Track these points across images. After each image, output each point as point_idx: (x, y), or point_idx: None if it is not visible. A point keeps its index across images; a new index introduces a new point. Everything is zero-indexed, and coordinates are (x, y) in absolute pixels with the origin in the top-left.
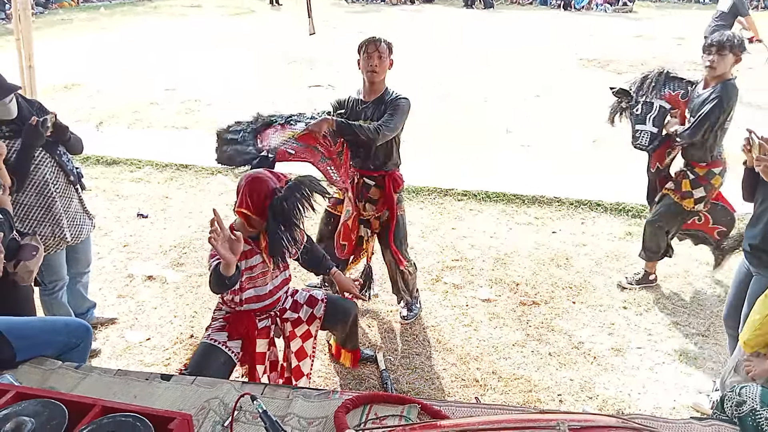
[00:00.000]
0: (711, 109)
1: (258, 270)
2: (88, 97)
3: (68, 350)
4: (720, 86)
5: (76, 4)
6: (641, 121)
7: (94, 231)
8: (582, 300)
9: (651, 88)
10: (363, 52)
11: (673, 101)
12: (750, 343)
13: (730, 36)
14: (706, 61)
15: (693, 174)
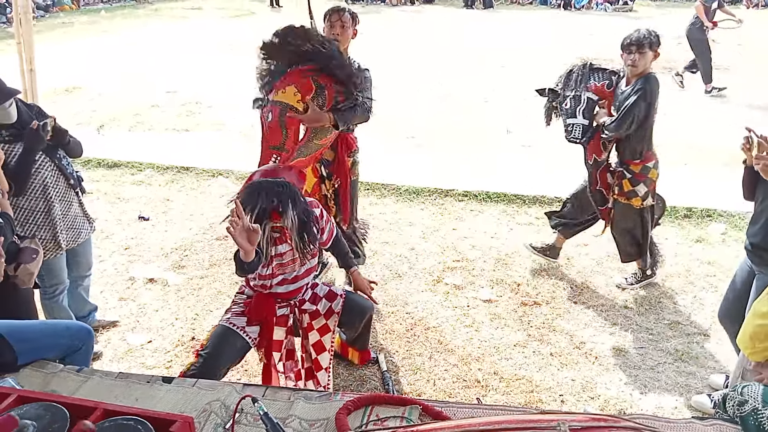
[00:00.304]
0: (635, 102)
1: (288, 257)
2: (89, 100)
3: (70, 353)
4: (642, 80)
5: (76, 8)
6: (572, 115)
7: (95, 234)
8: (583, 300)
9: (578, 82)
10: (327, 21)
11: (600, 92)
12: (756, 357)
13: (646, 33)
14: (628, 60)
15: (629, 173)
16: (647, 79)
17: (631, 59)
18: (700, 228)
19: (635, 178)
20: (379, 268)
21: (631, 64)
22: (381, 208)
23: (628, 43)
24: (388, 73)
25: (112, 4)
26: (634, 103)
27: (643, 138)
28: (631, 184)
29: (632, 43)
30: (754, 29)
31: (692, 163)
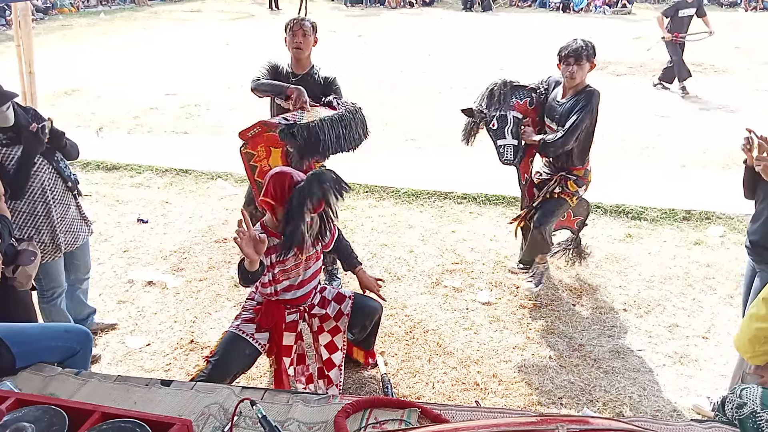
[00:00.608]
0: (581, 118)
1: (290, 263)
2: (88, 102)
3: (69, 356)
4: (585, 95)
5: (76, 10)
6: (501, 136)
7: (94, 236)
8: (582, 303)
9: (500, 101)
10: (289, 30)
11: (523, 110)
12: (756, 361)
13: (583, 45)
14: (566, 71)
15: (573, 176)
16: (591, 96)
17: (570, 71)
18: (698, 230)
19: (580, 180)
20: (378, 270)
21: (569, 75)
22: (380, 210)
23: (566, 55)
24: (387, 76)
25: (112, 7)
26: (580, 120)
27: (588, 147)
28: (577, 185)
29: (570, 54)
30: (753, 31)
31: (690, 165)
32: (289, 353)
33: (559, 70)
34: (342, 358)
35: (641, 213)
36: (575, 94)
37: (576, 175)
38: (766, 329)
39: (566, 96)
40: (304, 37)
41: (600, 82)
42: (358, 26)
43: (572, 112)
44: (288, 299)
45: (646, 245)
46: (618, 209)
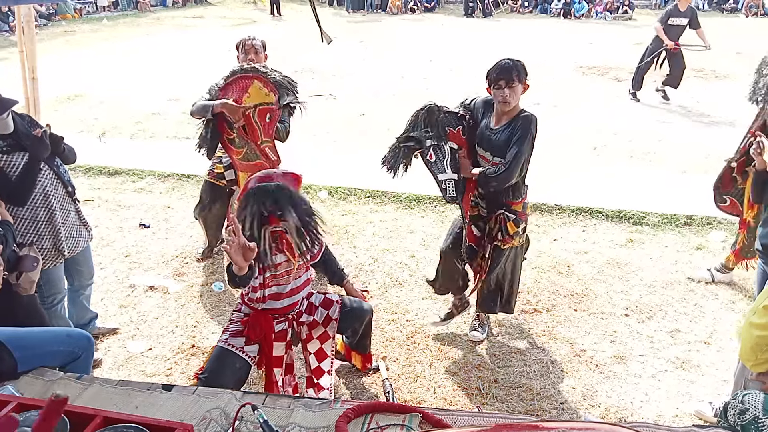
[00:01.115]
0: (522, 149)
1: (282, 268)
2: (90, 108)
3: (70, 361)
4: (522, 122)
5: (79, 16)
6: (441, 170)
7: (95, 241)
8: (584, 308)
9: (436, 129)
10: (241, 49)
11: (458, 140)
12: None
13: (512, 65)
14: (498, 96)
15: (512, 213)
16: (529, 122)
17: (502, 95)
18: (700, 236)
19: (519, 218)
20: (379, 275)
21: (503, 100)
22: (381, 215)
23: (496, 77)
24: (389, 81)
25: (114, 13)
26: (521, 151)
27: (525, 177)
28: (516, 225)
29: (500, 77)
30: (754, 37)
31: (691, 171)
32: (280, 364)
33: (490, 95)
34: (331, 363)
35: (643, 218)
36: (510, 121)
37: (515, 212)
38: (767, 337)
39: (500, 123)
40: (255, 55)
41: (601, 88)
42: (359, 32)
43: (510, 142)
44: (276, 309)
45: (647, 250)
46: (619, 214)
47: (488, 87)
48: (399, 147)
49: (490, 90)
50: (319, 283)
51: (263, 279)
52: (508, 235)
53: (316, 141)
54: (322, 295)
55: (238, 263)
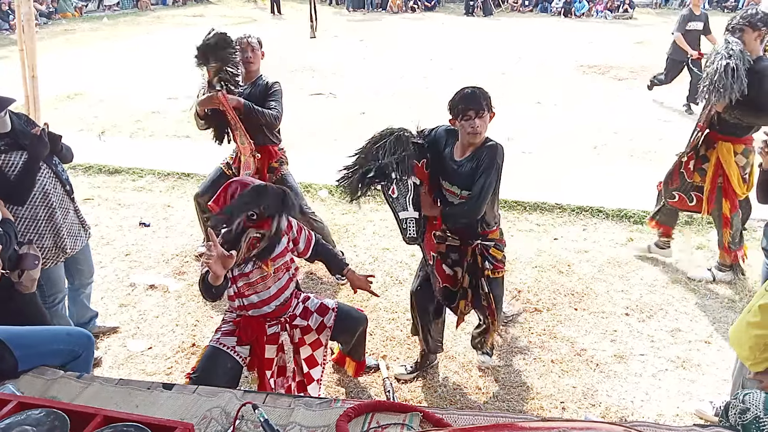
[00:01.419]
0: (489, 181)
1: (255, 276)
2: (90, 106)
3: (71, 360)
4: (487, 152)
5: (79, 15)
6: (403, 207)
7: (95, 240)
8: (584, 307)
9: (402, 162)
10: (238, 47)
11: (420, 174)
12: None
13: (480, 93)
14: (468, 128)
15: (490, 240)
16: (494, 152)
17: (472, 127)
18: (701, 235)
19: (499, 243)
20: (379, 274)
21: (473, 131)
22: (381, 214)
23: (464, 108)
24: (389, 80)
25: (115, 12)
26: (488, 183)
27: (495, 203)
28: (500, 249)
29: (469, 107)
30: None
31: None
32: (271, 366)
33: (455, 126)
34: (322, 372)
35: (643, 217)
36: (475, 152)
37: (493, 239)
38: (765, 336)
39: (465, 155)
40: (252, 52)
41: (602, 87)
42: (359, 31)
43: (476, 173)
44: (267, 313)
45: None
46: (620, 213)
47: (453, 119)
48: (363, 177)
49: (455, 122)
50: (319, 282)
51: (237, 288)
52: (496, 261)
53: (316, 140)
54: (318, 301)
55: (217, 273)
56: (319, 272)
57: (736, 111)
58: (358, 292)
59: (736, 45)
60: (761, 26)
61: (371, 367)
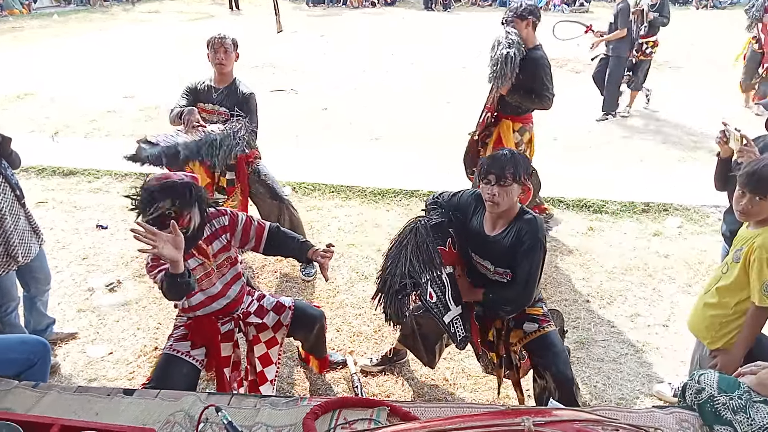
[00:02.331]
0: (535, 264)
1: (199, 273)
2: (42, 106)
3: (26, 369)
4: (526, 229)
5: (27, 12)
6: (446, 308)
7: (50, 245)
8: (547, 296)
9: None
10: (211, 47)
11: (449, 258)
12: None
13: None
14: (486, 194)
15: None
16: (536, 228)
17: (489, 193)
18: (657, 222)
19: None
20: (345, 270)
21: (489, 200)
22: (346, 210)
23: (486, 170)
24: (351, 75)
25: (65, 8)
26: (534, 265)
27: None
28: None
29: (491, 171)
30: (704, 29)
31: (648, 159)
32: (228, 363)
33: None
34: (276, 372)
35: (602, 206)
36: (509, 227)
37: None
38: (720, 316)
39: (497, 230)
40: (225, 54)
41: (560, 80)
42: (320, 26)
43: (515, 252)
44: (217, 310)
45: (607, 238)
46: (580, 203)
47: (479, 181)
48: (393, 298)
49: (480, 185)
50: (284, 281)
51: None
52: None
53: (278, 136)
54: (275, 300)
55: (172, 257)
56: (285, 269)
57: (515, 95)
58: (323, 289)
59: (514, 35)
60: (527, 16)
61: (338, 362)
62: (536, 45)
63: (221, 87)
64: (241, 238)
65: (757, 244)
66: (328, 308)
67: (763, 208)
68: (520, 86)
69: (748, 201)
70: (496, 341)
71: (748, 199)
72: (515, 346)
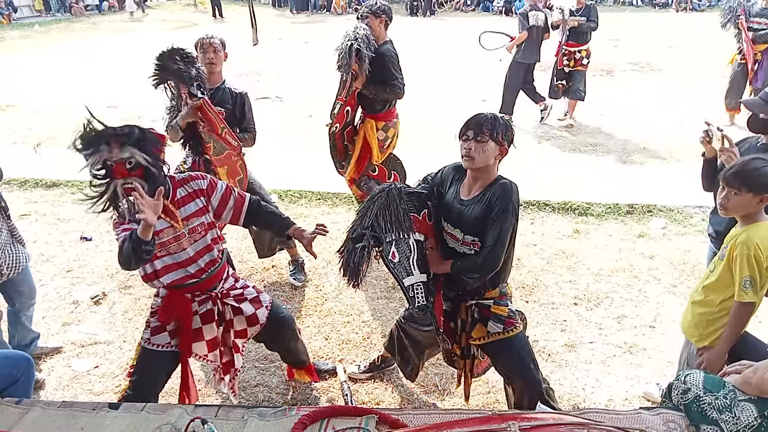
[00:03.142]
0: (504, 227)
1: (167, 235)
2: (24, 118)
3: (9, 385)
4: (498, 192)
5: (7, 22)
6: (407, 271)
7: (34, 257)
8: (535, 299)
9: (399, 220)
10: (199, 48)
11: (423, 227)
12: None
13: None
14: (462, 149)
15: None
16: (509, 191)
17: (466, 149)
18: (641, 223)
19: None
20: (333, 278)
21: (465, 154)
22: (334, 217)
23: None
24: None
25: (47, 18)
26: (504, 228)
27: (510, 258)
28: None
29: (469, 127)
30: (684, 31)
31: (631, 161)
32: (216, 346)
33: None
34: (242, 362)
35: (587, 209)
36: (484, 191)
37: (491, 298)
38: (707, 314)
39: (472, 194)
40: (215, 54)
41: (544, 83)
42: (304, 33)
43: (485, 218)
44: (193, 285)
45: (593, 240)
46: (565, 206)
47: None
48: (353, 249)
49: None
50: (272, 289)
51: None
52: (501, 318)
53: (263, 144)
54: (255, 293)
55: (149, 220)
56: (272, 278)
57: (370, 87)
58: (311, 297)
59: (361, 30)
60: (381, 14)
61: (326, 371)
62: (386, 41)
63: (211, 88)
64: (218, 206)
65: (740, 240)
66: (316, 316)
67: (740, 203)
68: (374, 79)
69: (725, 195)
70: (460, 333)
71: (726, 193)
72: (475, 341)
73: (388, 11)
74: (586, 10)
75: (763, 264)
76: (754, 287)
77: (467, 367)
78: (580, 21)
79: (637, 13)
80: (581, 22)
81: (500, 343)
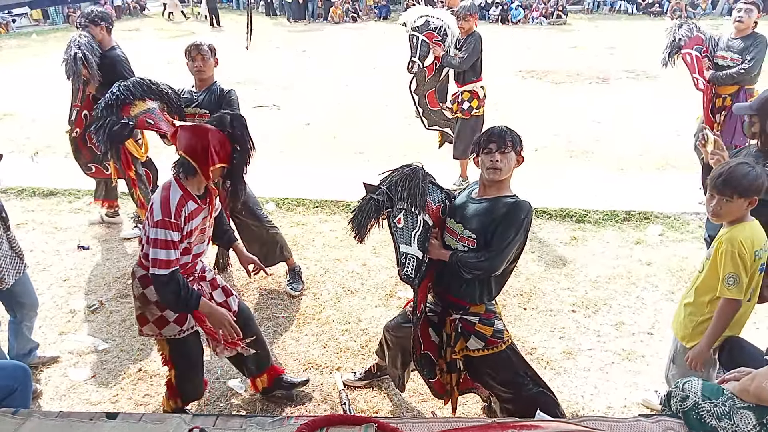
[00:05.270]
0: (515, 240)
1: (202, 225)
2: (22, 127)
3: (6, 395)
4: (512, 207)
5: (5, 31)
6: (406, 240)
7: (32, 266)
8: (533, 306)
9: (415, 196)
10: (188, 56)
11: (435, 217)
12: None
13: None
14: (488, 162)
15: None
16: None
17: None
18: (639, 230)
19: (485, 318)
20: (331, 286)
21: (492, 166)
22: (331, 225)
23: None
24: (333, 90)
25: (45, 27)
26: (514, 241)
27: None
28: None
29: (491, 140)
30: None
31: (628, 168)
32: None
33: (477, 165)
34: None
35: (585, 216)
36: (498, 196)
37: (476, 314)
38: (696, 314)
39: (486, 195)
40: (203, 61)
41: (541, 91)
42: (301, 42)
43: (488, 220)
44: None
45: (590, 247)
46: (563, 213)
47: (475, 157)
48: (369, 200)
49: (477, 160)
50: (269, 298)
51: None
52: (482, 336)
53: (261, 152)
54: (224, 282)
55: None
56: (270, 286)
57: (104, 90)
58: (309, 305)
59: (83, 38)
60: (99, 21)
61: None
62: (113, 46)
63: (200, 90)
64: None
65: (724, 238)
66: (314, 324)
67: (732, 209)
68: (106, 82)
69: (717, 203)
70: (445, 346)
71: (717, 201)
72: (457, 355)
73: (107, 18)
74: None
75: (747, 262)
76: (739, 285)
77: (453, 380)
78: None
79: (632, 21)
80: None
81: (481, 359)
